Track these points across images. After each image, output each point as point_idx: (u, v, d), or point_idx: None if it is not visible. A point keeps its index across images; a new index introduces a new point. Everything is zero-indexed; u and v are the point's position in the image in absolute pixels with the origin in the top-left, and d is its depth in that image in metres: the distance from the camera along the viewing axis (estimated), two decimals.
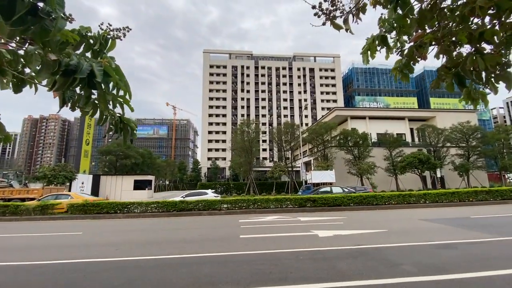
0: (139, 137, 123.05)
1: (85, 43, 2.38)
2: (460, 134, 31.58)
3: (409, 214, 11.96)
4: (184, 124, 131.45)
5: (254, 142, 36.69)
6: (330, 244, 6.44)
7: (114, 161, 46.69)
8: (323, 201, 14.66)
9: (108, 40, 2.45)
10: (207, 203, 14.15)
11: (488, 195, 15.65)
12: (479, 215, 10.93)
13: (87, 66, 1.82)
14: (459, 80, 2.08)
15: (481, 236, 6.90)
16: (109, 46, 2.47)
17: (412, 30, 1.96)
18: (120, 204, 13.96)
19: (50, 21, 1.59)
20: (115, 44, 2.49)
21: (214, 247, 6.51)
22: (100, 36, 2.41)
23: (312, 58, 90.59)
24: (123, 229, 10.18)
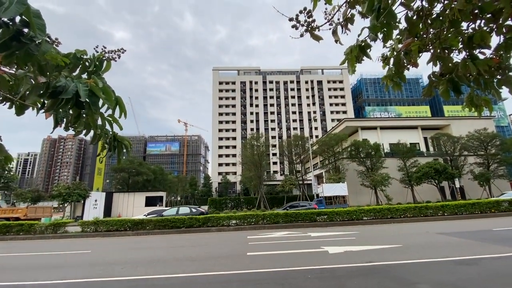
0: (151, 154, 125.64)
1: (81, 65, 2.47)
2: (477, 142, 30.37)
3: (426, 227, 11.35)
4: (195, 140, 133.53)
5: (264, 156, 36.57)
6: (340, 261, 6.14)
7: (127, 178, 47.49)
8: (335, 215, 14.19)
9: (103, 61, 2.52)
10: (216, 219, 13.98)
11: (511, 206, 14.71)
12: (502, 227, 10.23)
13: (73, 86, 1.87)
14: (454, 86, 1.99)
15: (504, 250, 6.40)
16: (104, 68, 2.55)
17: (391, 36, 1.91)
18: (130, 222, 14.01)
19: (36, 46, 1.65)
20: (110, 66, 2.57)
21: (219, 265, 6.34)
22: (95, 58, 2.48)
23: (320, 71, 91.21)
24: (131, 247, 10.14)
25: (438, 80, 2.03)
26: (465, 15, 1.60)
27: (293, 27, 1.87)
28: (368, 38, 1.98)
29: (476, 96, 2.44)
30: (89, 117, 2.08)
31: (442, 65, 2.09)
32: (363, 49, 2.01)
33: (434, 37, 1.94)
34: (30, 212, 23.88)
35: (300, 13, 1.82)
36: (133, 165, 47.56)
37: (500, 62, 2.15)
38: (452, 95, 2.33)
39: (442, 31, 2.01)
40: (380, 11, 1.65)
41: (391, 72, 2.17)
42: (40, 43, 1.66)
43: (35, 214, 24.25)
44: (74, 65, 2.40)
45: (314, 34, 1.93)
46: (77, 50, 2.45)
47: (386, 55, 2.17)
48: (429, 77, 2.12)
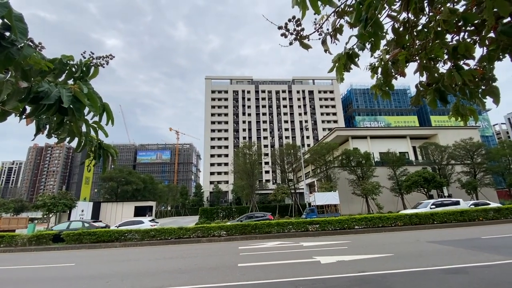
0: (142, 163, 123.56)
1: (67, 71, 2.41)
2: (464, 151, 31.21)
3: (417, 236, 11.43)
4: (187, 148, 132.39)
5: (256, 164, 36.45)
6: (332, 271, 6.06)
7: (116, 188, 46.37)
8: (327, 224, 14.15)
9: (90, 67, 2.47)
10: (206, 230, 13.70)
11: (498, 214, 15.03)
12: (490, 235, 10.40)
13: (56, 92, 1.81)
14: (441, 96, 2.03)
15: (493, 258, 6.47)
16: (92, 74, 2.50)
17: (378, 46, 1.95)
18: (117, 233, 13.57)
19: (17, 50, 1.60)
20: (97, 72, 2.52)
21: (209, 277, 6.16)
22: (82, 64, 2.43)
23: (311, 81, 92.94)
24: (118, 259, 9.78)
25: (425, 90, 2.07)
26: (449, 25, 1.65)
27: (283, 35, 1.88)
28: (356, 48, 2.02)
29: (461, 106, 2.49)
30: (72, 124, 2.01)
31: (429, 75, 2.14)
32: (351, 57, 2.04)
33: (420, 48, 1.99)
34: (3, 223, 22.95)
35: (289, 21, 1.84)
36: (123, 174, 46.58)
37: (484, 73, 2.22)
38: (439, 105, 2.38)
39: (428, 42, 2.06)
40: (368, 21, 1.68)
41: (380, 81, 2.21)
42: (22, 47, 1.61)
43: (9, 226, 23.29)
44: (59, 71, 2.34)
45: (303, 43, 1.95)
46: (63, 55, 2.40)
47: (374, 64, 2.21)
48: (417, 86, 2.16)
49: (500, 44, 2.06)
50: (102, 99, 2.30)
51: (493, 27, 1.83)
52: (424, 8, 1.89)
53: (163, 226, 14.94)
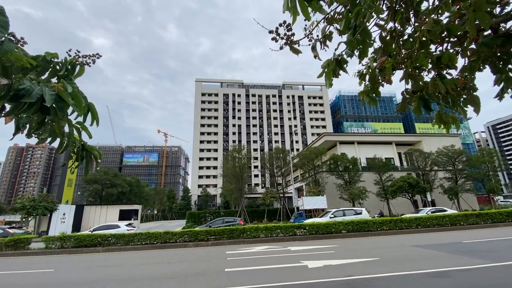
0: (128, 165, 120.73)
1: (51, 69, 2.33)
2: (446, 158, 32.29)
3: (402, 240, 11.67)
4: (175, 151, 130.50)
5: (245, 168, 36.35)
6: (319, 276, 6.08)
7: (100, 190, 44.98)
8: (314, 228, 14.23)
9: (75, 66, 2.41)
10: (193, 234, 13.48)
11: (478, 219, 15.60)
12: (471, 239, 10.76)
13: (38, 90, 1.74)
14: (425, 104, 2.09)
15: (474, 262, 6.69)
16: (77, 73, 2.43)
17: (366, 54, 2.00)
18: (100, 237, 13.13)
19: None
20: (83, 71, 2.45)
21: (196, 283, 6.04)
22: (67, 62, 2.36)
23: (301, 87, 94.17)
24: (100, 265, 9.44)
25: (411, 97, 2.13)
26: (434, 35, 1.71)
27: (273, 40, 1.90)
28: (345, 54, 2.06)
29: (444, 114, 2.58)
30: (54, 124, 1.94)
31: (414, 83, 2.20)
32: (340, 63, 2.08)
33: (406, 57, 2.05)
34: None
35: (280, 26, 1.86)
36: (108, 176, 45.30)
37: (466, 82, 2.31)
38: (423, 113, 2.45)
39: (413, 51, 2.13)
40: (356, 29, 1.72)
41: (367, 88, 2.26)
42: (3, 41, 1.54)
43: None
44: (43, 68, 2.27)
45: (293, 48, 1.97)
46: (47, 52, 2.32)
47: (362, 71, 2.27)
48: (403, 93, 2.22)
49: (481, 56, 2.16)
50: (87, 99, 2.23)
51: (475, 39, 1.92)
52: (410, 18, 1.95)
53: (149, 230, 14.58)
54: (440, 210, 20.90)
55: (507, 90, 2.35)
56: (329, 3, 1.96)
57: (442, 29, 1.72)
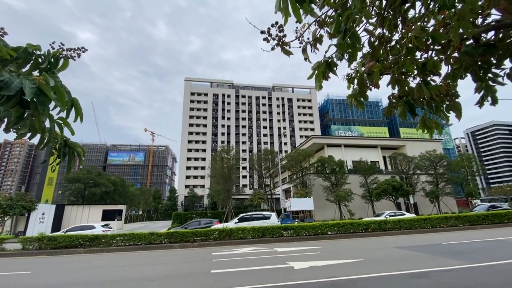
0: (113, 164, 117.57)
1: (32, 61, 2.24)
2: (428, 162, 33.43)
3: (385, 241, 11.96)
4: (162, 150, 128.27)
5: (233, 169, 36.22)
6: (305, 277, 6.12)
7: (82, 190, 43.51)
8: (301, 229, 14.34)
9: (59, 59, 2.32)
10: (179, 235, 13.27)
11: (457, 221, 16.21)
12: (450, 241, 11.16)
13: (18, 83, 1.66)
14: (410, 108, 2.16)
15: (452, 263, 6.93)
16: (61, 66, 2.34)
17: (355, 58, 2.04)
18: (81, 238, 12.68)
19: None
20: (67, 64, 2.37)
21: (180, 284, 5.94)
22: (50, 55, 2.27)
23: (290, 89, 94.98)
24: (81, 266, 9.11)
25: (397, 102, 2.19)
26: (420, 42, 1.77)
27: (265, 40, 1.91)
28: (335, 57, 2.10)
29: (428, 119, 2.67)
30: (34, 119, 1.85)
31: (400, 88, 2.27)
32: (330, 66, 2.11)
33: (393, 62, 2.11)
34: None
35: (272, 26, 1.86)
36: (91, 175, 43.90)
37: (448, 89, 2.40)
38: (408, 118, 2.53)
39: (400, 57, 2.19)
40: (346, 33, 1.76)
41: (355, 91, 2.31)
42: None
43: None
44: (24, 60, 2.18)
45: (284, 49, 1.98)
46: (28, 44, 2.23)
47: (351, 75, 2.31)
48: (389, 98, 2.28)
49: (463, 64, 2.25)
50: (70, 94, 2.15)
51: (458, 48, 1.99)
52: (398, 25, 2.01)
53: (133, 231, 14.22)
54: (399, 213, 21.55)
55: (486, 97, 2.46)
56: (320, 6, 1.99)
57: (428, 37, 1.78)
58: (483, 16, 2.03)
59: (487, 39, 2.18)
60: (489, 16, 2.05)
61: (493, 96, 2.45)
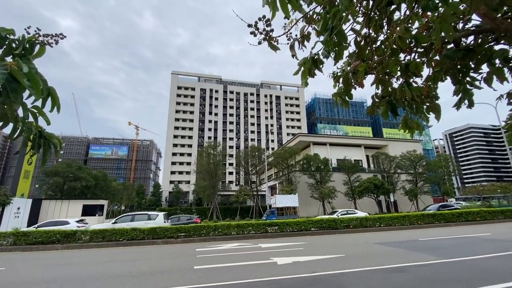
0: (94, 158, 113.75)
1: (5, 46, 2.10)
2: (408, 162, 34.71)
3: (366, 237, 12.33)
4: (146, 145, 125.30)
5: (220, 165, 36.03)
6: (288, 272, 6.21)
7: (61, 184, 41.84)
8: (285, 226, 14.53)
9: (34, 45, 2.19)
10: (162, 231, 13.08)
11: (433, 219, 16.97)
12: (427, 237, 11.68)
13: None
14: (392, 108, 2.22)
15: (428, 258, 7.26)
16: (37, 53, 2.22)
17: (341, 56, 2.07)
18: (59, 233, 12.22)
19: None
20: (44, 51, 2.25)
21: (162, 280, 5.86)
22: (25, 40, 2.14)
23: (279, 87, 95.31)
24: (58, 263, 8.79)
25: (380, 101, 2.24)
26: (403, 43, 1.81)
27: (252, 34, 1.88)
28: (321, 55, 2.11)
29: (409, 120, 2.76)
30: (6, 107, 1.74)
31: (384, 88, 2.32)
32: (316, 62, 2.13)
33: (377, 62, 2.15)
34: None
35: (259, 20, 1.84)
36: (71, 168, 42.27)
37: (429, 91, 2.48)
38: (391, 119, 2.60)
39: (384, 58, 2.24)
40: (333, 30, 1.77)
41: (341, 90, 2.34)
42: None
43: None
44: None
45: (271, 44, 1.97)
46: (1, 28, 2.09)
47: (337, 73, 2.34)
48: (373, 97, 2.34)
49: (443, 67, 2.33)
50: (47, 82, 2.05)
51: (439, 51, 2.06)
52: (384, 26, 2.05)
53: (115, 226, 13.86)
54: (351, 212, 22.26)
55: (464, 100, 2.56)
56: (308, 2, 1.99)
57: (411, 38, 1.83)
58: (464, 21, 2.11)
59: (467, 44, 2.27)
60: (469, 21, 2.13)
61: (470, 99, 2.56)
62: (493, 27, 1.88)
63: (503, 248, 8.43)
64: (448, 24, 1.55)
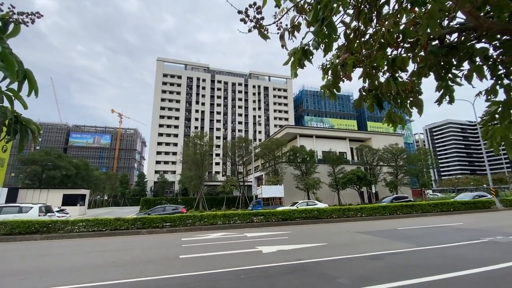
0: (75, 146, 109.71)
1: None
2: (390, 155, 35.92)
3: (348, 227, 12.79)
4: (130, 133, 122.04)
5: (206, 156, 35.80)
6: (272, 260, 6.36)
7: (40, 172, 40.22)
8: (271, 215, 14.78)
9: (8, 24, 2.05)
10: (147, 221, 12.95)
11: (411, 209, 17.81)
12: (405, 227, 12.27)
13: None
14: (378, 102, 2.27)
15: (405, 246, 7.66)
16: (10, 32, 2.08)
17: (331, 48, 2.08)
18: (38, 223, 11.82)
19: None
20: (18, 30, 2.10)
21: (147, 270, 5.85)
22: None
23: (267, 78, 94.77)
24: (38, 254, 8.55)
25: (366, 94, 2.29)
26: (391, 36, 1.85)
27: (242, 21, 1.85)
28: (311, 46, 2.11)
29: (393, 113, 2.84)
30: None
31: (370, 82, 2.36)
32: (306, 53, 2.13)
33: (366, 56, 2.18)
34: None
35: (250, 7, 1.81)
36: (49, 157, 40.64)
37: (413, 86, 2.55)
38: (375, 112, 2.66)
39: (373, 51, 2.27)
40: (323, 21, 1.77)
41: (329, 82, 2.36)
42: None
43: None
44: None
45: (262, 32, 1.94)
46: None
47: (326, 65, 2.35)
48: (360, 90, 2.38)
49: (428, 63, 2.39)
50: (22, 64, 1.93)
51: (425, 47, 2.11)
52: (373, 19, 2.07)
53: (98, 216, 13.58)
54: (311, 203, 22.75)
55: (445, 96, 2.66)
56: None
57: (399, 33, 1.86)
58: (449, 18, 2.16)
59: (451, 41, 2.34)
60: (454, 19, 2.19)
61: (451, 95, 2.66)
62: (476, 25, 1.94)
63: (473, 236, 9.02)
64: (435, 20, 1.59)
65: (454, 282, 4.51)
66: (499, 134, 1.95)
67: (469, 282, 4.52)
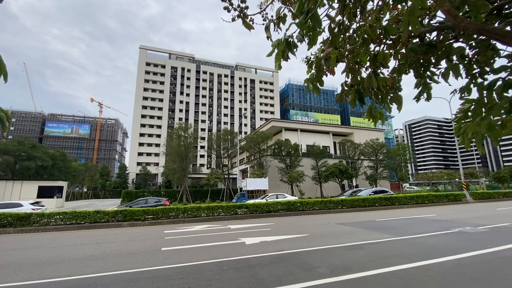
0: (51, 136, 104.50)
1: None
2: (371, 149, 37.11)
3: (329, 219, 13.19)
4: (111, 124, 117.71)
5: (191, 148, 35.29)
6: (255, 251, 6.46)
7: (12, 163, 38.08)
8: (255, 208, 14.93)
9: None
10: (128, 213, 12.69)
11: (389, 202, 18.61)
12: (383, 218, 12.82)
13: None
14: (359, 97, 2.32)
15: (382, 236, 8.02)
16: None
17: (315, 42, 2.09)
18: (11, 216, 11.26)
19: None
20: None
21: (128, 263, 5.76)
22: None
23: (254, 70, 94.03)
24: (11, 247, 8.16)
25: (348, 89, 2.33)
26: (374, 32, 1.88)
27: (225, 9, 1.80)
28: (296, 39, 2.11)
29: (374, 109, 2.91)
30: None
31: (353, 77, 2.40)
32: (290, 45, 2.12)
33: (349, 51, 2.20)
34: None
35: None
36: (23, 147, 38.50)
37: (394, 82, 2.62)
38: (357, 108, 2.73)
39: (356, 47, 2.30)
40: (308, 13, 1.77)
41: (313, 76, 2.38)
42: None
43: None
44: None
45: (245, 22, 1.91)
46: None
47: (310, 59, 2.36)
48: (342, 85, 2.41)
49: (408, 60, 2.46)
50: None
51: (405, 44, 2.17)
52: (357, 14, 2.09)
53: (76, 209, 13.12)
54: (280, 196, 22.80)
55: (423, 93, 2.76)
56: None
57: (381, 29, 1.90)
58: (429, 17, 2.22)
59: (430, 39, 2.41)
60: (434, 18, 2.26)
61: (428, 92, 2.76)
62: (454, 24, 2.01)
63: (445, 227, 9.59)
64: (415, 18, 1.64)
65: (428, 269, 4.80)
66: (471, 130, 2.06)
67: (441, 269, 4.82)
